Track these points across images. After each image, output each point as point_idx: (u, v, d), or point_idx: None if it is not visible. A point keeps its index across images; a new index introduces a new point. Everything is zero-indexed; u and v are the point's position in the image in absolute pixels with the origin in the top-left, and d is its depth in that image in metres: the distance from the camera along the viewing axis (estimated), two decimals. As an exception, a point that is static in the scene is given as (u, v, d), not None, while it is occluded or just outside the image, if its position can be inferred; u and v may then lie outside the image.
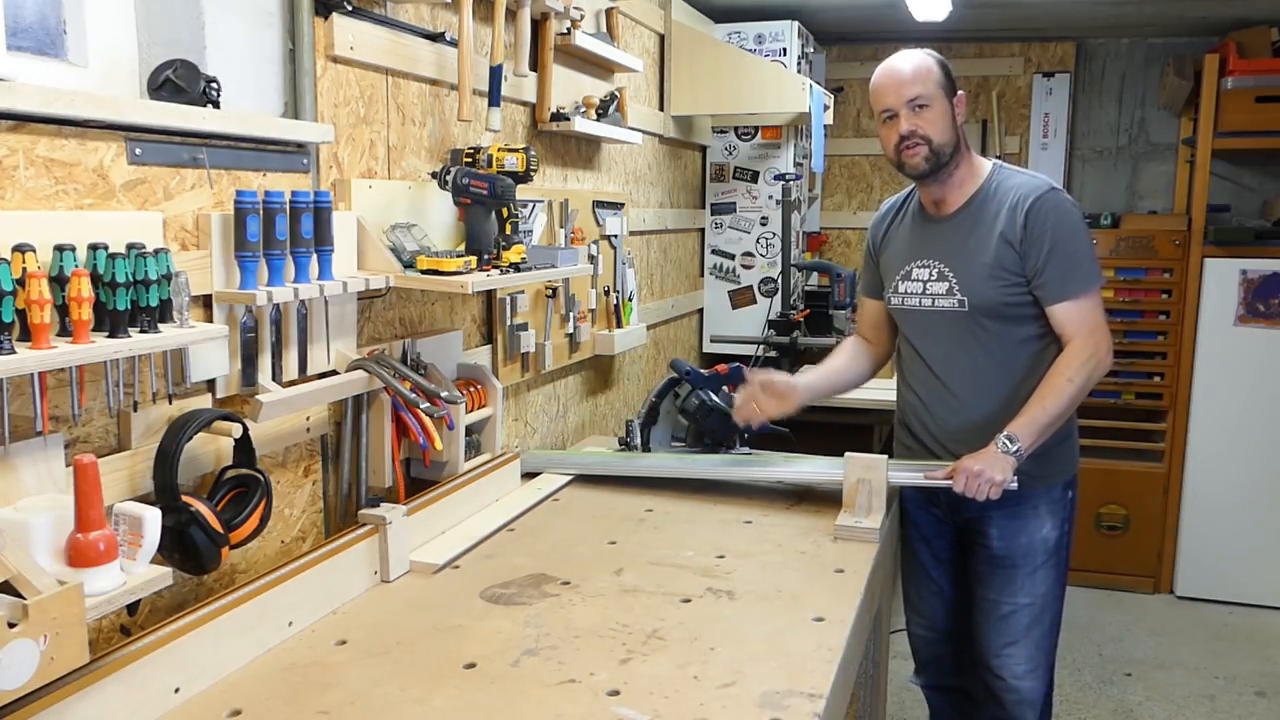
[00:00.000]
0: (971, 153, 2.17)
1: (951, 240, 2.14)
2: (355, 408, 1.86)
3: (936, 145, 2.07)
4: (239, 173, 1.60)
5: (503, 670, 1.40)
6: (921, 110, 2.06)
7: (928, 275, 2.16)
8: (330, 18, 1.76)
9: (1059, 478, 2.17)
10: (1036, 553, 2.16)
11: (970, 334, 2.12)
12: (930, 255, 2.16)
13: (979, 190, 2.14)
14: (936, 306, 2.14)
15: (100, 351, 1.25)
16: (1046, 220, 2.04)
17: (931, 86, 2.06)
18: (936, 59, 2.11)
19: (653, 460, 2.37)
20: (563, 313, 2.72)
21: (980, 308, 2.09)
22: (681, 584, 1.71)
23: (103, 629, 1.39)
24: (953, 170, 2.12)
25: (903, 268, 2.21)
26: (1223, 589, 4.11)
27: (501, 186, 1.96)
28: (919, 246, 2.20)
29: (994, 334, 2.10)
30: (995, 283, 2.07)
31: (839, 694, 1.42)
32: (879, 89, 2.11)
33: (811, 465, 2.23)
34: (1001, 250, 2.06)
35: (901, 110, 2.07)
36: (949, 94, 2.09)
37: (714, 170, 4.10)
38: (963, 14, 3.89)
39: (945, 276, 2.13)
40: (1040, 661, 2.21)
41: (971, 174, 2.15)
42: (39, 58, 1.44)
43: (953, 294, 2.12)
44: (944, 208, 2.17)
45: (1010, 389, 2.09)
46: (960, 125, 2.11)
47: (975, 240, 2.10)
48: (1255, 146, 4.13)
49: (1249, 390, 4.00)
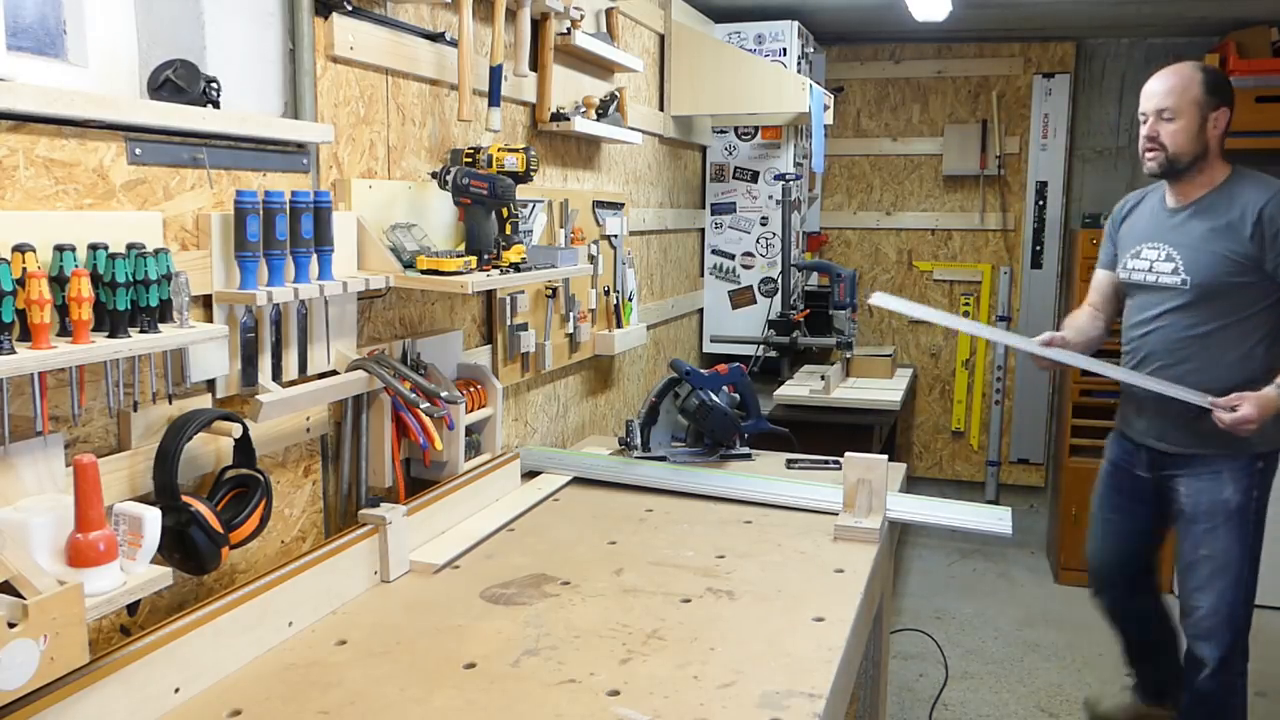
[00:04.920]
0: (1220, 160, 2.43)
1: (1183, 228, 2.43)
2: (355, 408, 1.86)
3: (1172, 154, 2.38)
4: (239, 173, 1.60)
5: (503, 670, 1.40)
6: (1167, 120, 2.36)
7: (1156, 255, 2.47)
8: (330, 18, 1.76)
9: (1246, 451, 2.41)
10: (1218, 513, 2.41)
11: (1187, 309, 2.40)
12: (1160, 240, 2.47)
13: (1216, 188, 2.42)
14: (1161, 283, 2.45)
15: (100, 351, 1.25)
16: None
17: (1184, 101, 2.35)
18: (1207, 74, 2.38)
19: (649, 469, 2.36)
20: (563, 313, 2.72)
21: (1202, 288, 2.37)
22: (681, 584, 1.71)
23: (103, 629, 1.39)
24: (1195, 174, 2.42)
25: (1134, 247, 2.55)
26: (1223, 589, 4.10)
27: (501, 186, 1.96)
28: (1152, 231, 2.51)
29: (1206, 312, 2.38)
30: (1220, 269, 2.35)
31: (839, 694, 1.42)
32: (1143, 93, 2.44)
33: (809, 489, 2.22)
34: (1232, 240, 2.34)
35: (1151, 117, 2.39)
36: (1208, 108, 2.36)
37: (714, 170, 4.10)
38: (963, 14, 3.89)
39: (1172, 258, 2.43)
40: (1222, 611, 2.44)
41: (1213, 177, 2.43)
42: (39, 58, 1.44)
43: (1177, 273, 2.41)
44: (1183, 199, 2.46)
45: (1214, 359, 2.37)
46: (1213, 137, 2.38)
47: (1207, 230, 2.38)
48: (1255, 146, 4.11)
49: (1249, 390, 3.99)
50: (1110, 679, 3.43)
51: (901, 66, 4.91)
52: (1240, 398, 2.26)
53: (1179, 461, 2.47)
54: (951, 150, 4.83)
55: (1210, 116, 2.36)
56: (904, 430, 4.95)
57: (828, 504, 2.10)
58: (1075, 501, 4.23)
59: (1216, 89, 2.37)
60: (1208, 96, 2.35)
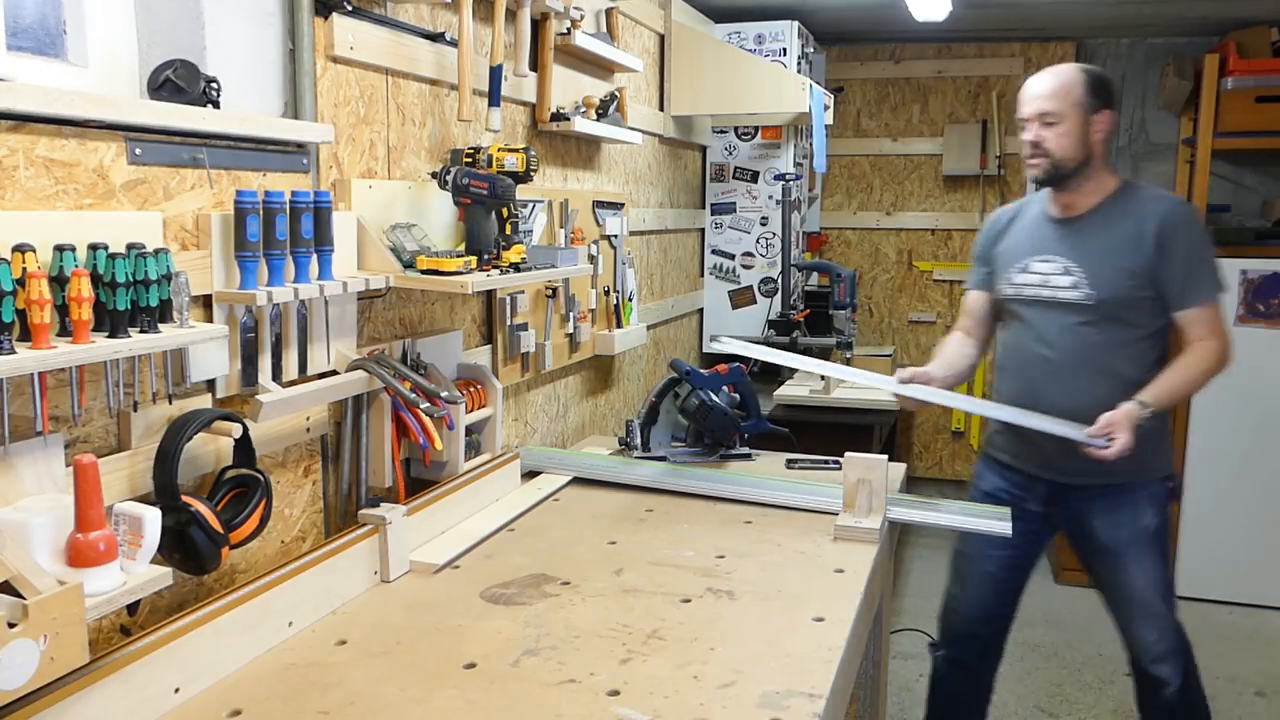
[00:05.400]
0: (1106, 168, 2.30)
1: (1078, 240, 2.29)
2: (355, 408, 1.86)
3: (1057, 160, 2.23)
4: (239, 173, 1.60)
5: (503, 670, 1.40)
6: (1050, 125, 2.22)
7: (1050, 269, 2.31)
8: (330, 18, 1.76)
9: (1157, 474, 2.33)
10: (1141, 540, 2.31)
11: (1088, 325, 2.26)
12: (1053, 253, 2.31)
13: (1109, 197, 2.29)
14: (1058, 298, 2.29)
15: (100, 351, 1.25)
16: (1179, 230, 2.20)
17: (1066, 104, 2.21)
18: (1089, 75, 2.24)
19: (649, 469, 2.36)
20: (563, 313, 2.72)
21: (1108, 302, 2.23)
22: (681, 584, 1.71)
23: (103, 629, 1.39)
24: (1082, 182, 2.27)
25: (1020, 261, 2.36)
26: (1223, 589, 4.11)
27: (501, 186, 1.96)
28: (1041, 244, 2.34)
29: (1109, 328, 2.25)
30: (1126, 282, 2.22)
31: (839, 694, 1.42)
32: (1020, 96, 2.30)
33: (809, 489, 2.21)
34: (1133, 254, 2.21)
35: (1029, 123, 2.25)
36: (1090, 110, 2.22)
37: (714, 170, 4.10)
38: (963, 14, 3.89)
39: (1070, 271, 2.27)
40: (1170, 630, 2.36)
41: (1101, 186, 2.29)
42: (39, 58, 1.44)
43: (1078, 288, 2.26)
44: (1072, 210, 2.31)
45: (1116, 377, 2.23)
46: (1097, 142, 2.24)
47: (1108, 241, 2.25)
48: (1255, 146, 4.13)
49: (1249, 390, 3.99)
50: (1110, 679, 3.44)
51: (901, 66, 4.91)
52: (1111, 425, 2.10)
53: (1089, 493, 2.30)
54: (951, 150, 4.83)
55: (1093, 120, 2.22)
56: (904, 430, 4.96)
57: (828, 504, 2.10)
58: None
59: (1099, 91, 2.23)
60: (1090, 99, 2.21)
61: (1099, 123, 2.23)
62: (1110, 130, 2.26)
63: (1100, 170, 2.28)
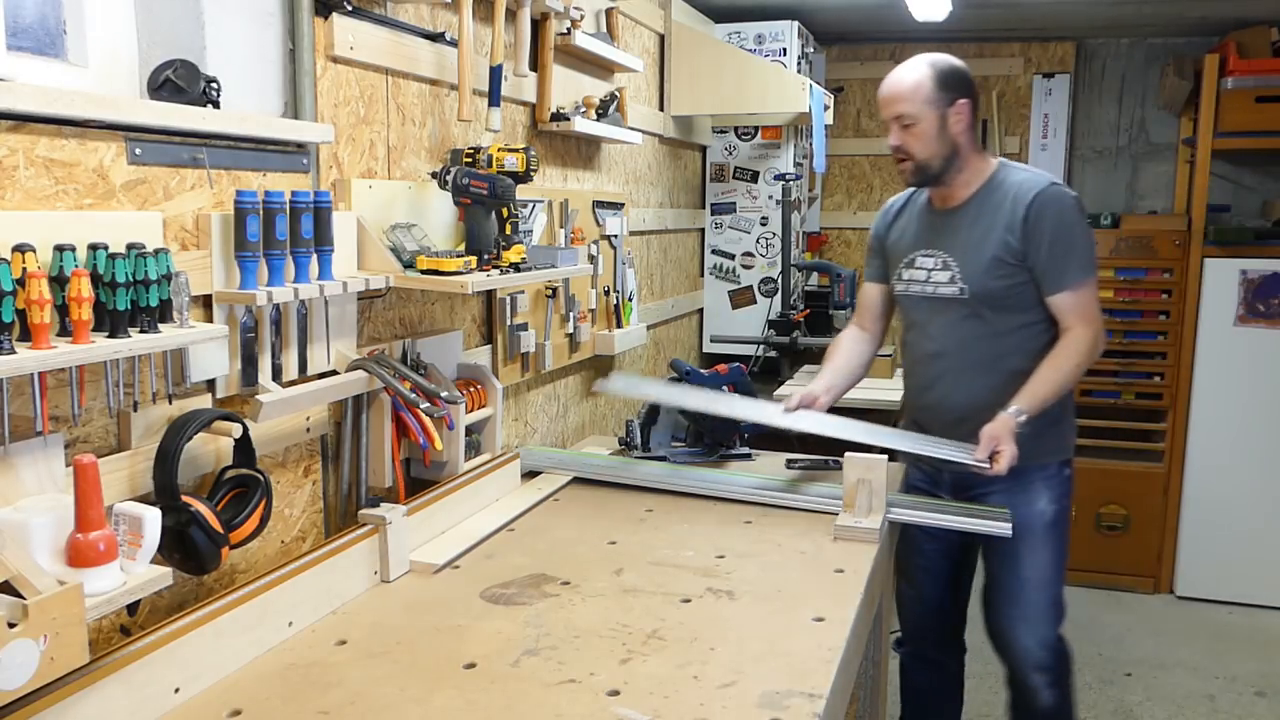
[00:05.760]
0: (976, 154, 2.24)
1: (954, 232, 2.24)
2: (355, 408, 1.86)
3: (920, 161, 2.19)
4: (239, 173, 1.60)
5: (503, 670, 1.40)
6: (908, 128, 2.18)
7: (932, 264, 2.26)
8: (330, 18, 1.76)
9: (1054, 457, 2.27)
10: (1035, 528, 2.25)
11: (971, 319, 2.22)
12: (934, 246, 2.27)
13: (983, 186, 2.23)
14: (939, 294, 2.25)
15: (100, 351, 1.25)
16: (1046, 214, 2.14)
17: (918, 104, 2.15)
18: (936, 69, 2.17)
19: (649, 469, 2.36)
20: (563, 313, 2.72)
21: (980, 295, 2.19)
22: (681, 584, 1.71)
23: (103, 629, 1.39)
24: (954, 175, 2.22)
25: (907, 256, 2.32)
26: (1223, 589, 4.11)
27: (501, 186, 1.96)
28: (924, 237, 2.30)
29: (992, 320, 2.20)
30: (995, 272, 2.17)
31: (839, 694, 1.42)
32: (879, 98, 2.25)
33: (809, 489, 2.21)
34: (1002, 242, 2.16)
35: (891, 125, 2.21)
36: (944, 105, 2.16)
37: (714, 170, 4.10)
38: (963, 14, 3.89)
39: (949, 266, 2.23)
40: (1050, 636, 2.31)
41: (977, 174, 2.24)
42: (39, 58, 1.44)
43: (955, 282, 2.22)
44: (949, 202, 2.27)
45: (1008, 370, 2.18)
46: (959, 133, 2.18)
47: (977, 232, 2.20)
48: (1255, 146, 4.13)
49: (1249, 390, 4.00)
50: (1110, 679, 3.44)
51: (901, 66, 4.91)
52: (993, 439, 2.03)
53: (987, 479, 2.14)
54: (951, 150, 4.82)
55: (949, 113, 2.16)
56: (904, 430, 4.94)
57: (828, 504, 2.10)
58: (1075, 501, 4.22)
59: (948, 83, 2.15)
60: (941, 93, 2.15)
61: (956, 114, 2.17)
62: (971, 117, 2.19)
63: (971, 159, 2.22)
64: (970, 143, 2.21)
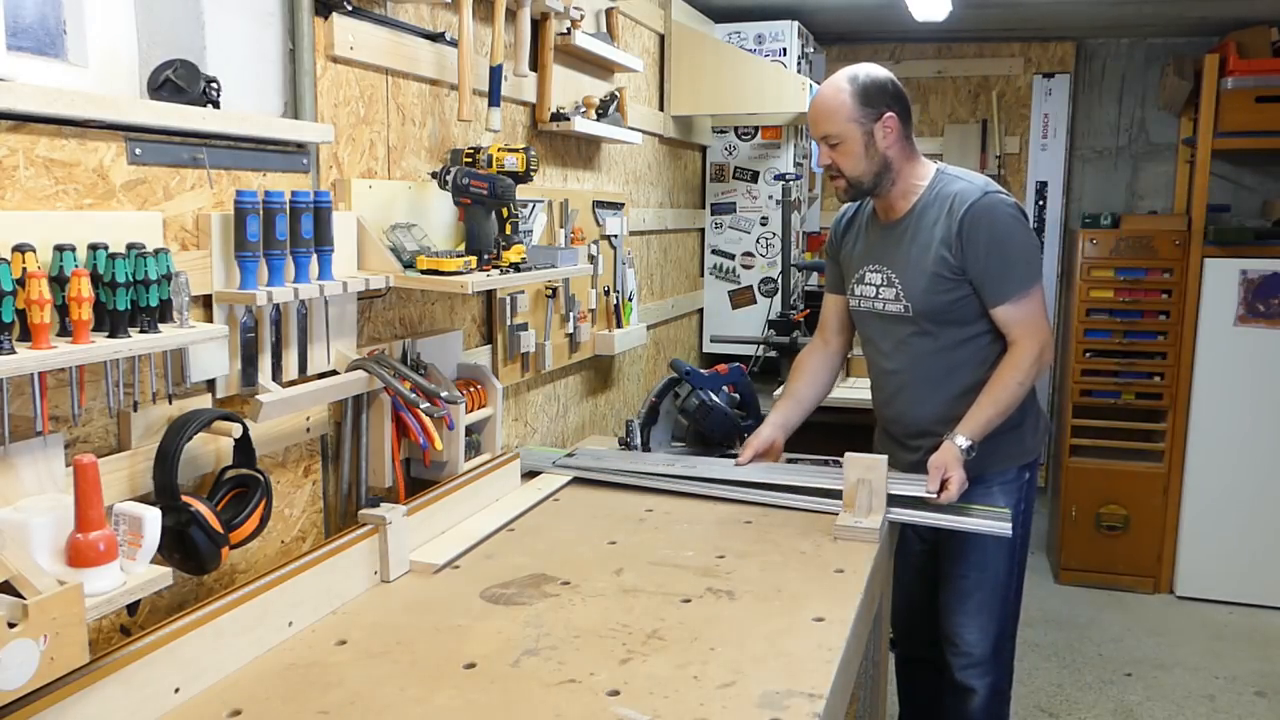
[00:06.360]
0: (912, 164, 2.19)
1: (896, 247, 2.21)
2: (355, 408, 1.86)
3: (851, 179, 2.15)
4: (239, 173, 1.60)
5: (503, 670, 1.40)
6: (835, 147, 2.13)
7: (879, 280, 2.25)
8: (330, 18, 1.76)
9: (1013, 462, 2.25)
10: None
11: (919, 336, 2.21)
12: (880, 260, 2.24)
13: (921, 198, 2.19)
14: (887, 310, 2.24)
15: (100, 351, 1.25)
16: (980, 225, 2.10)
17: (841, 123, 2.10)
18: (856, 85, 2.10)
19: (650, 468, 2.36)
20: (563, 313, 2.72)
21: (924, 313, 2.18)
22: (681, 584, 1.71)
23: (103, 629, 1.39)
24: (888, 188, 2.18)
25: (857, 270, 2.30)
26: (1223, 589, 4.11)
27: (501, 186, 1.96)
28: (872, 252, 2.28)
29: (940, 335, 2.19)
30: (937, 288, 2.15)
31: (839, 694, 1.41)
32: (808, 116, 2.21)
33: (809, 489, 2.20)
34: (939, 258, 2.13)
35: (821, 145, 2.16)
36: (869, 120, 2.10)
37: (714, 170, 4.10)
38: (963, 14, 3.89)
39: (893, 282, 2.21)
40: (992, 633, 2.30)
41: (914, 185, 2.20)
42: (39, 58, 1.44)
43: (900, 299, 2.20)
44: (891, 214, 2.24)
45: (960, 385, 2.18)
46: (888, 146, 2.12)
47: (917, 248, 2.17)
48: (1255, 146, 4.13)
49: (1249, 390, 4.00)
50: (1110, 679, 3.44)
51: (901, 66, 4.91)
52: (940, 468, 2.02)
53: None
54: (951, 150, 4.83)
55: (876, 129, 2.10)
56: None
57: (828, 504, 2.10)
58: (1075, 501, 4.24)
59: (871, 98, 2.09)
60: (864, 109, 2.09)
61: (884, 128, 2.11)
62: (902, 128, 2.13)
63: (907, 171, 2.18)
64: (903, 154, 2.16)
